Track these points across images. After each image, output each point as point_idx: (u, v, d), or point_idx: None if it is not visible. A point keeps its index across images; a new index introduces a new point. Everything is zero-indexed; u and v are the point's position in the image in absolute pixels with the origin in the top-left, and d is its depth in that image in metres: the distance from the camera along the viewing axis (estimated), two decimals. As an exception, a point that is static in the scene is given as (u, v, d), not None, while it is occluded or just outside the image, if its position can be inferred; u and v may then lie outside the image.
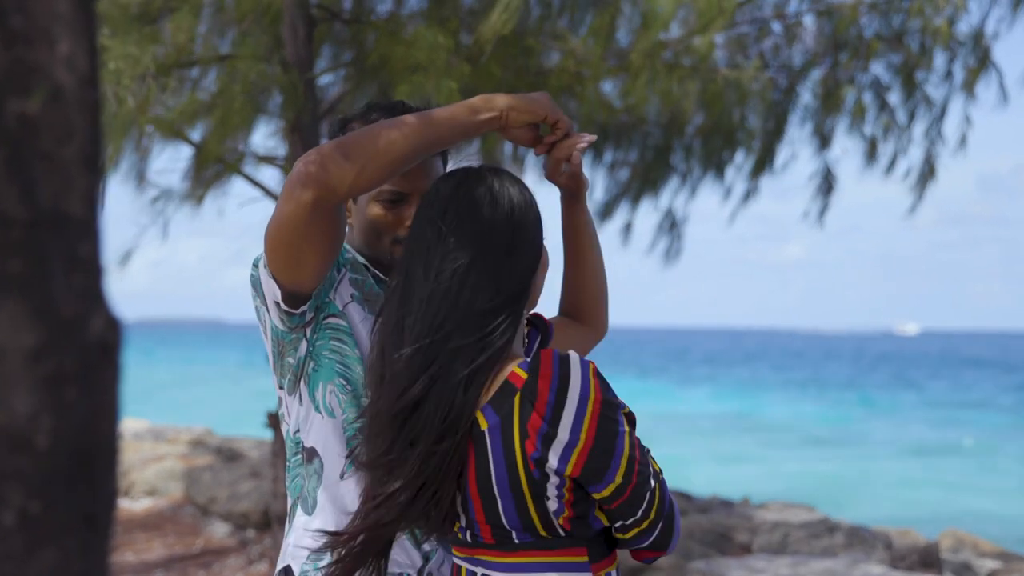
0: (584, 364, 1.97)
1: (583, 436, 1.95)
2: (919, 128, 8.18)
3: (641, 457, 2.01)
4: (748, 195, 9.05)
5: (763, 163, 8.71)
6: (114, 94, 4.91)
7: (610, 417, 1.96)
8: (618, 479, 1.98)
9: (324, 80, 7.79)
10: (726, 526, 7.47)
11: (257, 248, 2.33)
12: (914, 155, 8.18)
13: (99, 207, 1.01)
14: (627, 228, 9.73)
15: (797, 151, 8.83)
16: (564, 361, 1.97)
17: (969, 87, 8.09)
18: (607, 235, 10.37)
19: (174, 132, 6.11)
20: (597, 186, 9.69)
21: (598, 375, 1.97)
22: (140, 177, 7.69)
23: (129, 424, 16.30)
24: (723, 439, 28.65)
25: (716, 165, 9.17)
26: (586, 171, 9.56)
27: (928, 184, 7.90)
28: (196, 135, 7.52)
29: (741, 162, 9.06)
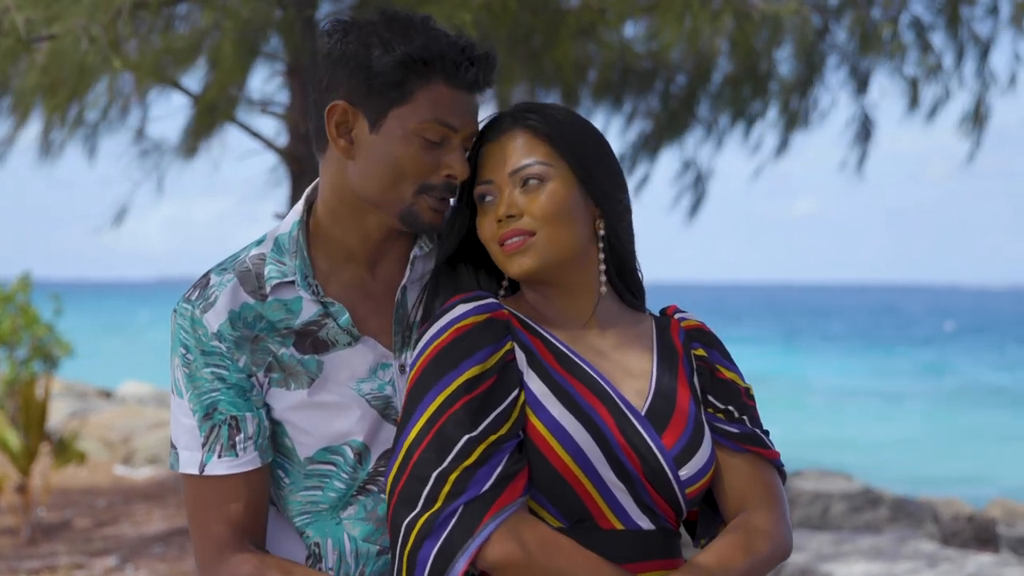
0: (454, 318, 1.85)
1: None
2: (968, 68, 7.64)
3: (432, 442, 1.77)
4: (780, 148, 8.53)
5: (796, 113, 8.19)
6: (84, 31, 4.38)
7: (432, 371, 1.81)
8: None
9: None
10: (760, 498, 6.95)
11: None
12: (963, 98, 7.65)
13: None
14: (644, 180, 9.20)
15: (835, 98, 8.32)
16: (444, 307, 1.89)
17: (1018, 21, 7.56)
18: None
19: (157, 75, 5.58)
20: (612, 137, 9.16)
21: (459, 330, 1.83)
22: (129, 129, 7.21)
23: (132, 388, 15.82)
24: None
25: (745, 115, 8.64)
26: (603, 120, 9.01)
27: (984, 127, 7.37)
28: (191, 83, 7.02)
29: (771, 112, 8.53)
